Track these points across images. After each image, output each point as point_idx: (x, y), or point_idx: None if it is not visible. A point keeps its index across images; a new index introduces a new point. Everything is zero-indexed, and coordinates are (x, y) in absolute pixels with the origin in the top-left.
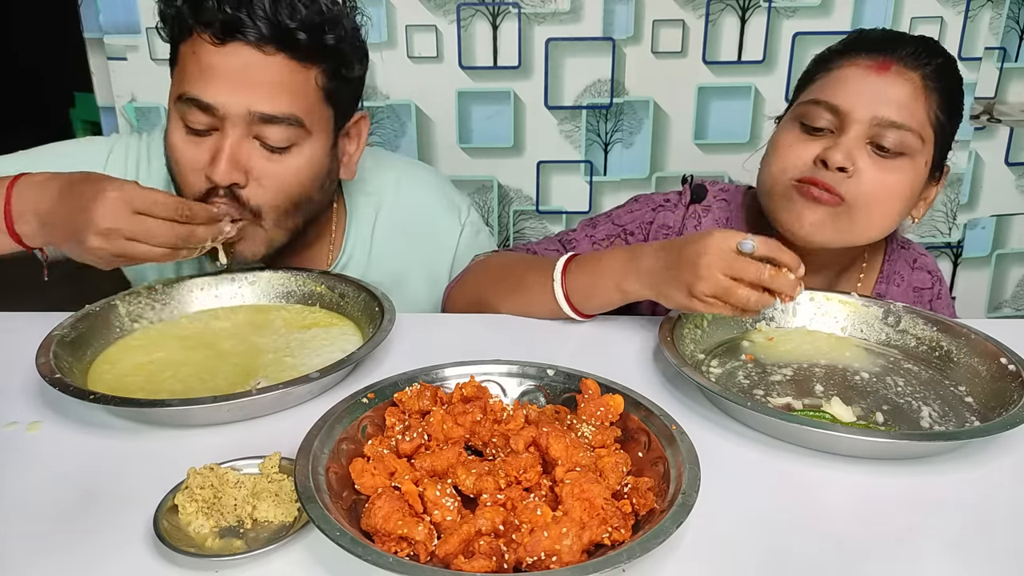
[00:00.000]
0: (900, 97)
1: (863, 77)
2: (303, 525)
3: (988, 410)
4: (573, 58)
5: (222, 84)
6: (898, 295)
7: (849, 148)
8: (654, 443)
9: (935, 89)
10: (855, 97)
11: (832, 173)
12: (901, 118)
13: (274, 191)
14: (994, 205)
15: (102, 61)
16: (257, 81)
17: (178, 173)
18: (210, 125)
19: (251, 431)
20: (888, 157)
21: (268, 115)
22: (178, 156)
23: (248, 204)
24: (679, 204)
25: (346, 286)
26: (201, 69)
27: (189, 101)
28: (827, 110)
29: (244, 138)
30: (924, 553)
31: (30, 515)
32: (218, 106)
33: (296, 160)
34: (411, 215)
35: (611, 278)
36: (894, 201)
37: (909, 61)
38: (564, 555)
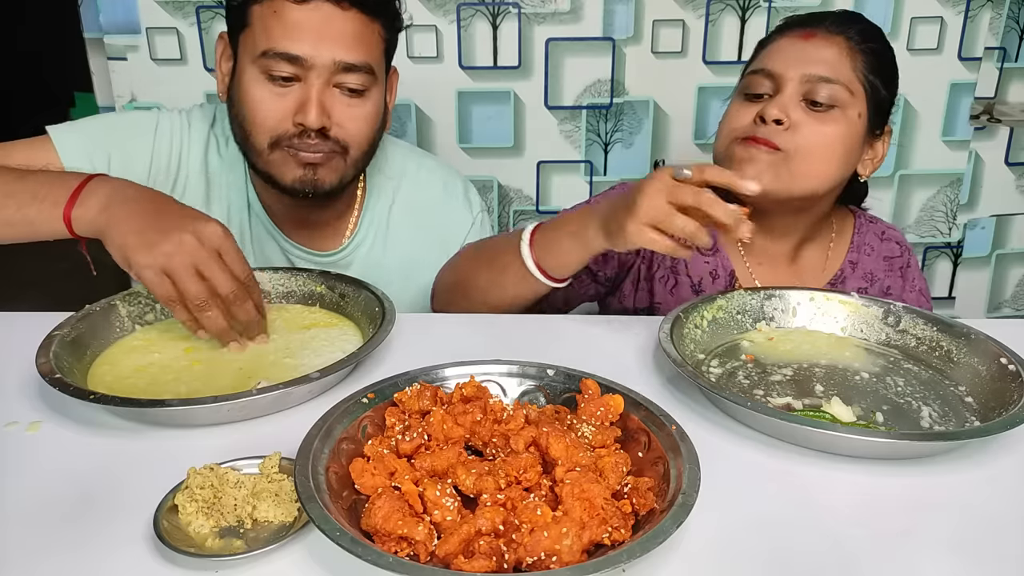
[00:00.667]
0: (827, 56)
1: (793, 44)
2: (303, 525)
3: (988, 410)
4: (573, 58)
5: (309, 37)
6: (869, 264)
7: (784, 104)
8: (654, 443)
9: (860, 51)
10: (786, 61)
11: (770, 127)
12: (828, 72)
13: (355, 132)
14: (994, 205)
15: (102, 61)
16: (339, 33)
17: (261, 123)
18: (294, 75)
19: (251, 431)
20: (821, 110)
21: (349, 63)
22: (261, 106)
23: (339, 140)
24: None
25: (346, 286)
26: (285, 26)
27: (278, 55)
28: (764, 76)
29: (326, 87)
30: (924, 553)
31: (30, 515)
32: (307, 57)
33: (368, 105)
34: (427, 203)
35: (572, 230)
36: (831, 149)
37: (832, 28)
38: (564, 555)
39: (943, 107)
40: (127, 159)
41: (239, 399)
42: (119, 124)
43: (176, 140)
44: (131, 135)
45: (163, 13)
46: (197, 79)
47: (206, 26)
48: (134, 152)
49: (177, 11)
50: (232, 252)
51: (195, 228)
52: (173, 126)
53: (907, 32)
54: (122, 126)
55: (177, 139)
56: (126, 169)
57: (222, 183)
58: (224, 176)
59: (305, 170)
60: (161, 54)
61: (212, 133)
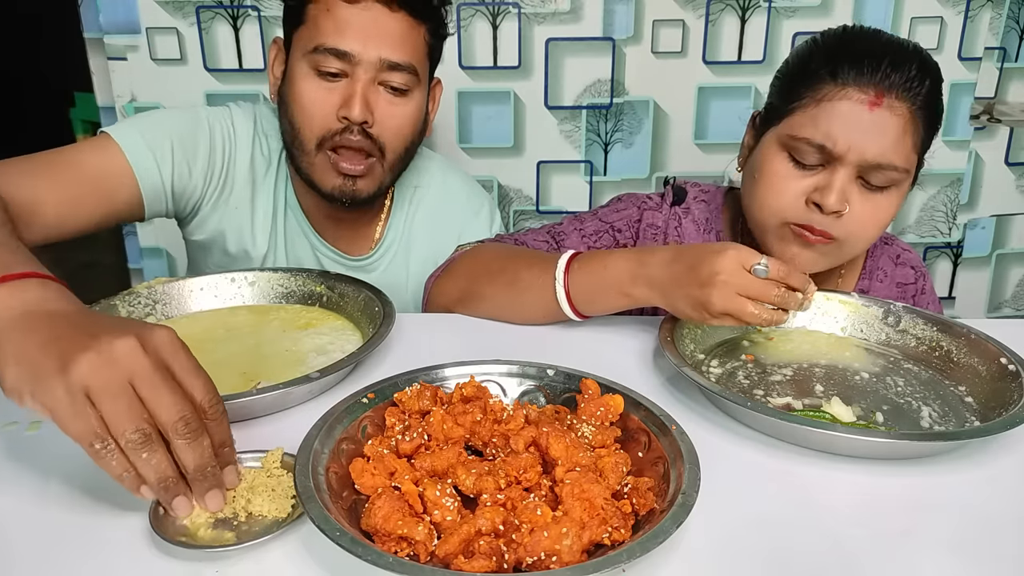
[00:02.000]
0: (890, 136)
1: (854, 114)
2: (295, 519)
3: (988, 410)
4: (573, 58)
5: (358, 35)
6: (881, 291)
7: (842, 189)
8: (654, 443)
9: (922, 117)
10: (846, 138)
11: (826, 217)
12: (889, 159)
13: (395, 130)
14: (994, 205)
15: (102, 61)
16: (386, 33)
17: (307, 117)
18: (342, 70)
19: (251, 431)
20: (877, 191)
21: (394, 62)
22: (309, 100)
23: (377, 140)
24: (662, 204)
25: (346, 286)
26: (337, 23)
27: (327, 51)
28: (818, 150)
29: (371, 84)
30: (924, 553)
31: (30, 514)
32: (355, 53)
33: (410, 105)
34: (447, 214)
35: (617, 283)
36: (882, 224)
37: (901, 92)
38: (564, 555)
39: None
40: (189, 156)
41: (239, 399)
42: (177, 120)
43: (227, 139)
44: (190, 130)
45: (163, 13)
46: (197, 79)
47: (206, 26)
48: (195, 149)
49: (177, 11)
50: (187, 365)
51: (136, 332)
52: (223, 125)
53: (907, 32)
54: (181, 122)
55: (227, 138)
56: (189, 165)
57: (266, 181)
58: (267, 174)
59: (345, 180)
60: (161, 54)
61: (256, 132)
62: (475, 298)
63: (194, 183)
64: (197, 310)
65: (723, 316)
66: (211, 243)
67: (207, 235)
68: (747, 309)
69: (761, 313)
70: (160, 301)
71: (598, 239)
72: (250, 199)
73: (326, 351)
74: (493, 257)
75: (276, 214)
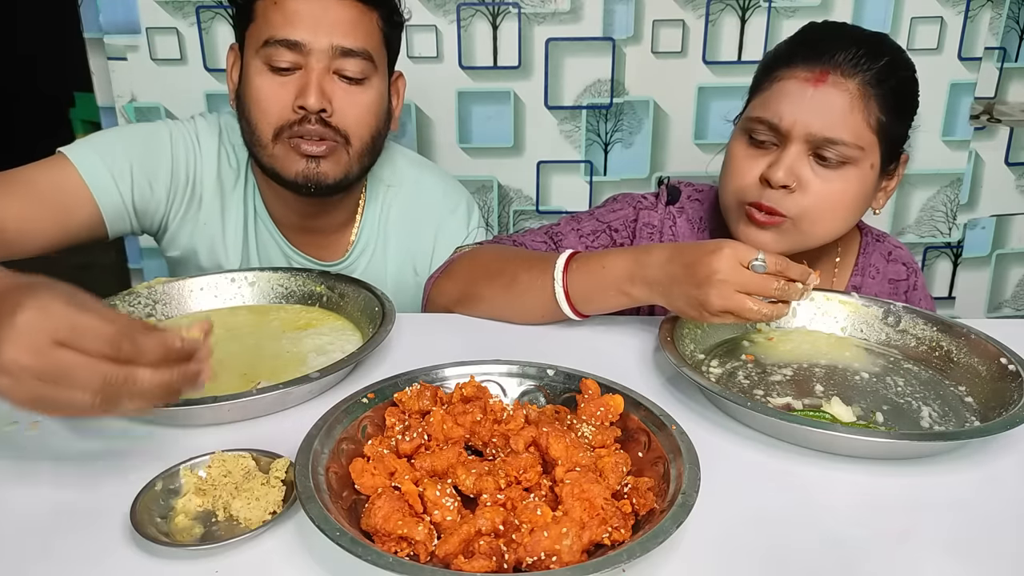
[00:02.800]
0: (835, 110)
1: (800, 91)
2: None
3: (988, 410)
4: (573, 58)
5: (308, 24)
6: (873, 287)
7: (790, 164)
8: (654, 443)
9: (875, 94)
10: (791, 114)
11: (775, 192)
12: (835, 133)
13: (356, 118)
14: (994, 205)
15: (102, 61)
16: (336, 20)
17: (263, 111)
18: (294, 63)
19: (251, 430)
20: (831, 167)
21: (347, 48)
22: (264, 95)
23: (338, 128)
24: (657, 204)
25: (346, 286)
26: (286, 15)
27: (278, 43)
28: (769, 128)
29: (326, 72)
30: (924, 553)
31: (29, 514)
32: (305, 42)
33: (369, 93)
34: (423, 211)
35: (615, 282)
36: (842, 207)
37: (847, 68)
38: (564, 555)
39: (943, 107)
40: (149, 173)
41: (240, 399)
42: (135, 138)
43: (191, 154)
44: (149, 148)
45: (163, 13)
46: (197, 79)
47: (206, 26)
48: (155, 167)
49: (177, 11)
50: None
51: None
52: (187, 140)
53: (907, 32)
54: (139, 140)
55: (191, 152)
56: (150, 182)
57: (235, 192)
58: (236, 185)
59: (308, 162)
60: (161, 54)
61: (221, 143)
62: (474, 299)
63: (156, 199)
64: (197, 310)
65: (722, 314)
66: (185, 259)
67: (180, 251)
68: (746, 305)
69: (761, 308)
70: (160, 301)
71: (595, 239)
72: (220, 213)
73: (326, 351)
74: (492, 258)
75: (247, 226)
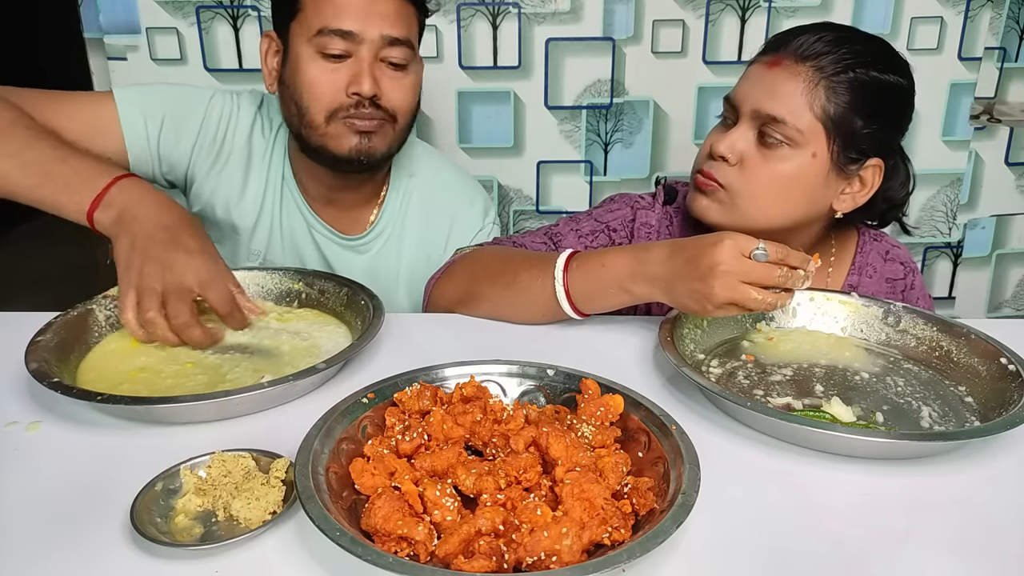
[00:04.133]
0: (782, 91)
1: (757, 73)
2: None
3: (988, 410)
4: (573, 58)
5: (359, 15)
6: (870, 286)
7: (733, 139)
8: (654, 443)
9: (829, 84)
10: (745, 92)
11: (718, 162)
12: (776, 111)
13: (402, 100)
14: (994, 205)
15: (102, 61)
16: (384, 11)
17: (316, 96)
18: (345, 51)
19: (252, 430)
20: (771, 147)
21: (395, 37)
22: (318, 81)
23: (388, 109)
24: (655, 204)
25: (325, 282)
26: (336, 7)
27: (332, 32)
28: (729, 105)
29: (375, 59)
30: (924, 553)
31: (30, 514)
32: (358, 32)
33: (410, 77)
34: (440, 203)
35: (616, 280)
36: (779, 189)
37: (800, 55)
38: (564, 555)
39: (943, 107)
40: (179, 124)
41: (249, 392)
42: (177, 93)
43: (225, 116)
44: (186, 104)
45: (163, 13)
46: (197, 79)
47: (206, 26)
48: (187, 119)
49: (177, 11)
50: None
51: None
52: (225, 104)
53: (907, 32)
54: (180, 95)
55: (227, 116)
56: (178, 133)
57: (263, 160)
58: (265, 153)
59: (360, 138)
60: (161, 54)
61: (259, 114)
62: (475, 299)
63: (181, 150)
64: None
65: (727, 306)
66: (203, 215)
67: (200, 206)
68: (751, 295)
69: (765, 298)
70: None
71: (594, 239)
72: (243, 175)
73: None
74: (492, 258)
75: (269, 192)
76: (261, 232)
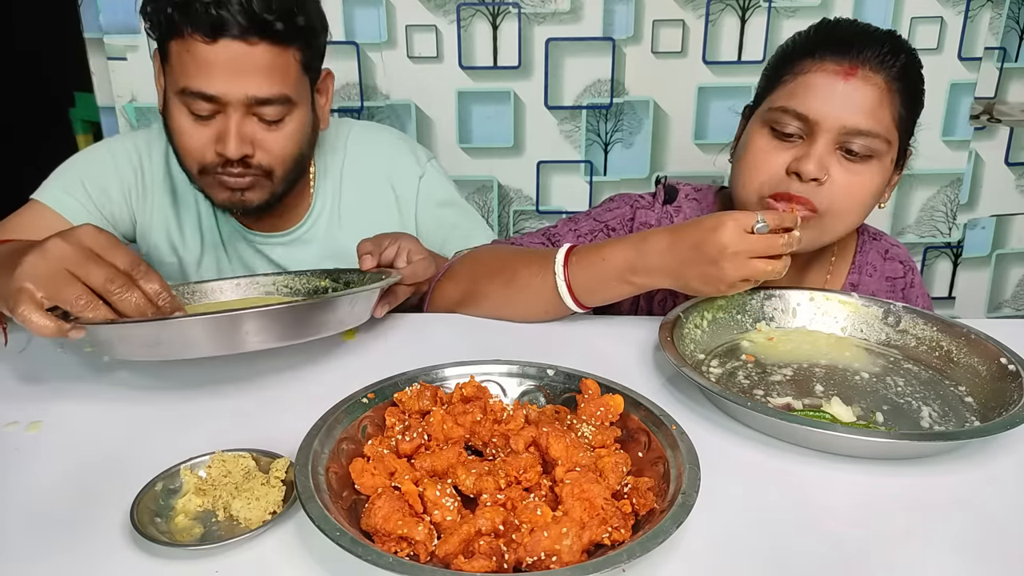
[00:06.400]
0: (867, 103)
1: (830, 84)
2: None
3: (988, 410)
4: (573, 58)
5: (220, 76)
6: (871, 285)
7: (820, 157)
8: (654, 443)
9: (899, 89)
10: (823, 106)
11: (807, 185)
12: (868, 125)
13: (277, 154)
14: (994, 205)
15: (102, 61)
16: (249, 69)
17: (187, 152)
18: (213, 111)
19: (252, 430)
20: (857, 161)
21: (262, 98)
22: (186, 137)
23: (261, 167)
24: (654, 203)
25: (350, 274)
26: (198, 65)
27: (193, 94)
28: (796, 118)
29: (245, 117)
30: (924, 553)
31: (30, 514)
32: (220, 95)
33: (290, 127)
34: (372, 164)
35: (617, 273)
36: (865, 201)
37: (875, 63)
38: (564, 555)
39: (943, 107)
40: (100, 181)
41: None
42: (81, 157)
43: (135, 154)
44: (93, 159)
45: None
46: None
47: None
48: (103, 173)
49: None
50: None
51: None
52: (128, 147)
53: (907, 32)
54: (84, 157)
55: (137, 153)
56: (103, 189)
57: (188, 189)
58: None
59: (233, 193)
60: None
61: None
62: (476, 298)
63: (117, 202)
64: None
65: (739, 283)
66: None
67: (147, 248)
68: (761, 267)
69: (775, 267)
70: None
71: (593, 238)
72: (172, 205)
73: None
74: (492, 257)
75: (205, 218)
76: (208, 262)
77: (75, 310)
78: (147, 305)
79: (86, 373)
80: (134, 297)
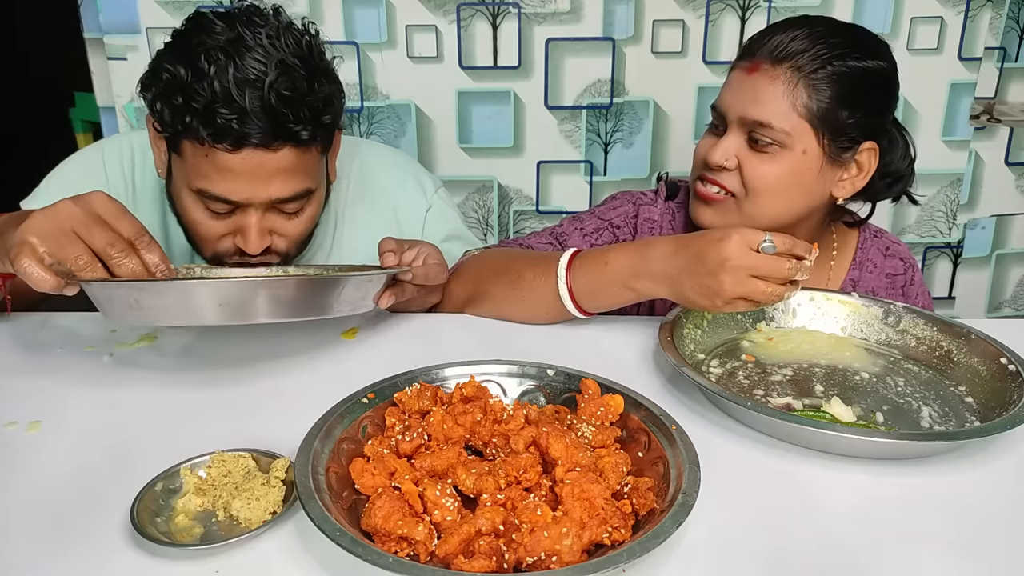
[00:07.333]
0: (765, 96)
1: (739, 79)
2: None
3: (988, 410)
4: (573, 58)
5: (242, 183)
6: (871, 281)
7: (727, 146)
8: (654, 443)
9: (808, 83)
10: (729, 99)
11: (715, 170)
12: (762, 116)
13: (295, 238)
14: (994, 205)
15: (102, 61)
16: (273, 173)
17: (202, 241)
18: (231, 209)
19: (252, 430)
20: (762, 150)
21: (285, 198)
22: (203, 230)
23: (278, 252)
24: (657, 200)
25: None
26: (219, 171)
27: (212, 197)
28: (716, 114)
29: (265, 213)
30: (924, 553)
31: (30, 514)
32: (243, 200)
33: (309, 211)
34: (374, 191)
35: (619, 279)
36: (778, 187)
37: (775, 57)
38: (564, 555)
39: (943, 107)
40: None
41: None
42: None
43: (127, 167)
44: (85, 176)
45: (163, 13)
46: None
47: None
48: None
49: (177, 11)
50: (114, 212)
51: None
52: (123, 153)
53: (907, 32)
54: (74, 169)
55: (128, 166)
56: None
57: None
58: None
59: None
60: None
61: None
62: (481, 299)
63: None
64: None
65: (735, 301)
66: None
67: None
68: (759, 288)
69: (775, 291)
70: None
71: (599, 236)
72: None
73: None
74: (498, 259)
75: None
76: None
77: (75, 268)
78: (143, 273)
79: (86, 373)
80: (132, 263)
